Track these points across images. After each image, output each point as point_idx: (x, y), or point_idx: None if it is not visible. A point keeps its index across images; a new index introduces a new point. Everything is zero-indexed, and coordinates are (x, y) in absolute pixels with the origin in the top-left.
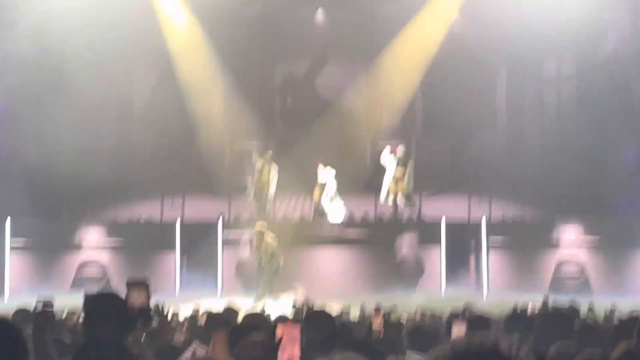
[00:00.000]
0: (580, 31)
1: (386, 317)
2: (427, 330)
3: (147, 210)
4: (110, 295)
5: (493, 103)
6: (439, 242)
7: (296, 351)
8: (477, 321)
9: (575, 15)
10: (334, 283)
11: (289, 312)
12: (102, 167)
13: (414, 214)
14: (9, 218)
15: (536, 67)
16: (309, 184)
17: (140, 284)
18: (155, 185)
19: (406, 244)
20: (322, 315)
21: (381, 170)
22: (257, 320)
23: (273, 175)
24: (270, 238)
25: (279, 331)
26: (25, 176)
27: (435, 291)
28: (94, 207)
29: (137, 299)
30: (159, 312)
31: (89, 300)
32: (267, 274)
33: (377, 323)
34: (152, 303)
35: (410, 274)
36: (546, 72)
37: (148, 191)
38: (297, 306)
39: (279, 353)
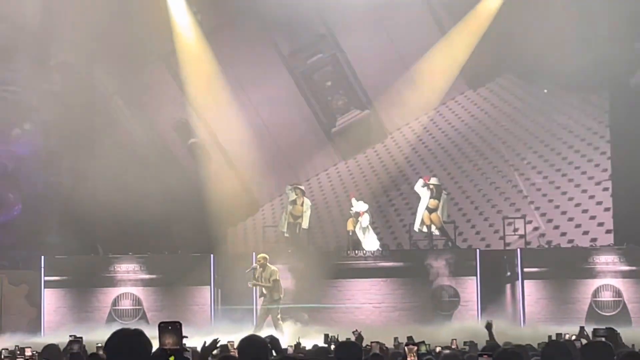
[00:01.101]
0: None
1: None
2: None
3: (182, 244)
4: (135, 332)
5: None
6: (475, 272)
7: None
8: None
9: None
10: (369, 314)
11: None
12: (138, 202)
13: (448, 244)
14: (43, 256)
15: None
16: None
17: (172, 326)
18: (191, 220)
19: (441, 274)
20: (352, 346)
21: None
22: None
23: (307, 206)
24: (272, 271)
25: None
26: (60, 212)
27: (471, 322)
28: (128, 241)
29: (169, 340)
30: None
31: (113, 337)
32: (266, 304)
33: (411, 357)
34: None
35: (445, 304)
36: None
37: (183, 225)
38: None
39: None
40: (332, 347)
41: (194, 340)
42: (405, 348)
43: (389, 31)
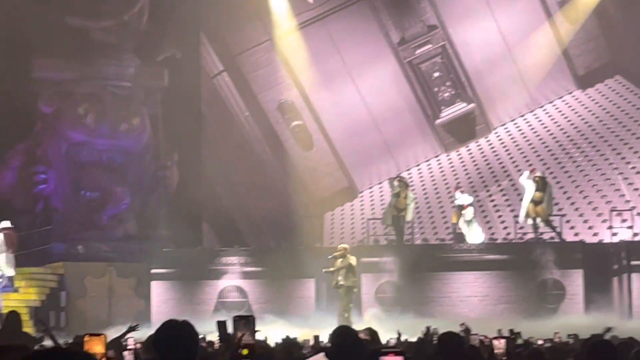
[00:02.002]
0: None
1: (512, 340)
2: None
3: (284, 235)
4: (183, 323)
5: None
6: (580, 264)
7: None
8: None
9: None
10: (473, 307)
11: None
12: (244, 194)
13: (554, 237)
14: (151, 248)
15: None
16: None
17: (246, 320)
18: (291, 208)
19: (546, 267)
20: (453, 337)
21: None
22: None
23: (410, 199)
24: (349, 261)
25: None
26: (167, 205)
27: (576, 315)
28: (234, 233)
29: (243, 334)
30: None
31: (162, 328)
32: (343, 295)
33: (500, 346)
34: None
35: (550, 297)
36: None
37: (284, 215)
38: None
39: None
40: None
41: (297, 332)
42: (494, 341)
43: (499, 25)
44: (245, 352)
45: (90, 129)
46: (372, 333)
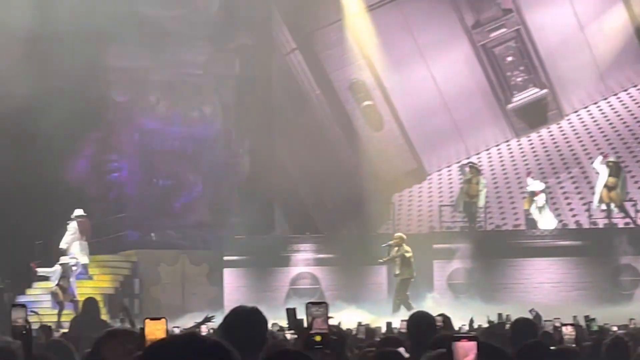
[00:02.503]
0: None
1: (587, 327)
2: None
3: (356, 220)
4: (252, 310)
5: None
6: None
7: None
8: None
9: None
10: (547, 293)
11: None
12: (315, 180)
13: (628, 223)
14: (223, 235)
15: None
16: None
17: (319, 306)
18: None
19: (621, 253)
20: (527, 323)
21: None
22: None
23: (482, 185)
24: (405, 250)
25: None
26: (239, 192)
27: None
28: (306, 220)
29: (318, 322)
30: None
31: (231, 314)
32: (398, 286)
33: (569, 333)
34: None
35: (625, 283)
36: None
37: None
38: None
39: None
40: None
41: (369, 318)
42: (563, 328)
43: (575, 10)
44: (318, 338)
45: (162, 117)
46: (445, 319)
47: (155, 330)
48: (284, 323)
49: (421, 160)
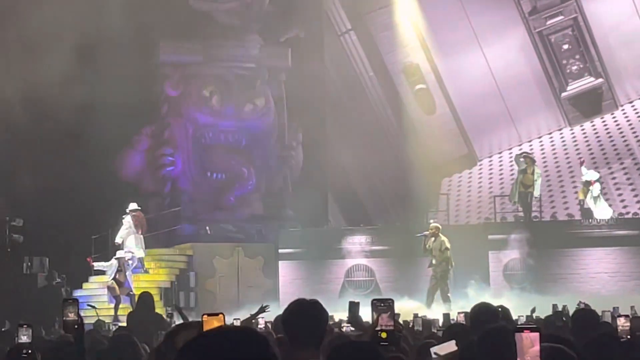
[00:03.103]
0: None
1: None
2: None
3: (410, 217)
4: (311, 302)
5: None
6: None
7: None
8: None
9: None
10: (604, 283)
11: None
12: (369, 172)
13: None
14: (277, 228)
15: None
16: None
17: (385, 303)
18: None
19: None
20: (588, 313)
21: None
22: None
23: (537, 175)
24: (442, 241)
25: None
26: (293, 185)
27: None
28: (360, 212)
29: (384, 318)
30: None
31: (291, 306)
32: (438, 278)
33: (623, 324)
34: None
35: None
36: None
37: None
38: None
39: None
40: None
41: (425, 310)
42: (618, 319)
43: (633, 0)
44: (384, 335)
45: (215, 111)
46: (504, 310)
47: (213, 326)
48: (339, 316)
49: (472, 146)
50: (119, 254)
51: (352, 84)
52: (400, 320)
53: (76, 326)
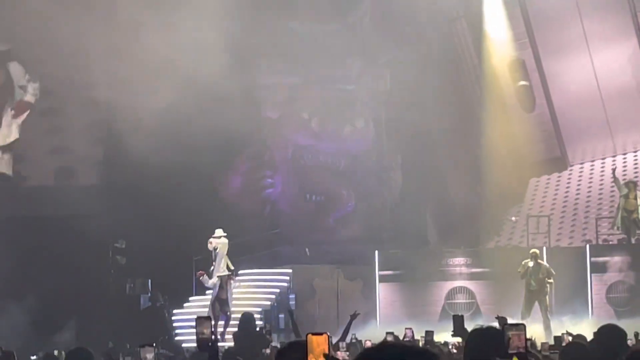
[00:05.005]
0: None
1: None
2: None
3: (509, 238)
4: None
5: None
6: None
7: None
8: None
9: None
10: None
11: None
12: (467, 193)
13: None
14: (377, 250)
15: None
16: None
17: (516, 327)
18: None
19: None
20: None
21: None
22: None
23: None
24: (546, 268)
25: None
26: (391, 206)
27: None
28: (459, 233)
29: (516, 338)
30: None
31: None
32: (534, 297)
33: None
34: None
35: None
36: None
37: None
38: None
39: None
40: None
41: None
42: None
43: None
44: (515, 359)
45: (314, 133)
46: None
47: (317, 346)
48: (439, 337)
49: (565, 150)
50: (222, 272)
51: (454, 74)
52: None
53: (210, 343)
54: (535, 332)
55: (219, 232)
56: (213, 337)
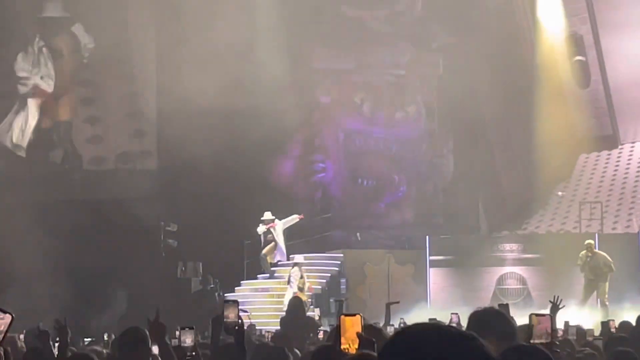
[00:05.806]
0: None
1: None
2: None
3: (563, 223)
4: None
5: None
6: None
7: None
8: None
9: None
10: None
11: None
12: (522, 177)
13: None
14: (428, 235)
15: None
16: None
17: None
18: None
19: None
20: None
21: None
22: None
23: None
24: (603, 257)
25: None
26: (443, 191)
27: None
28: (511, 219)
29: (540, 328)
30: None
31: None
32: (592, 286)
33: None
34: None
35: None
36: None
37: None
38: None
39: None
40: None
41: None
42: None
43: None
44: None
45: (366, 118)
46: None
47: (351, 327)
48: None
49: (617, 128)
50: (298, 259)
51: (511, 45)
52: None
53: (236, 327)
54: (594, 320)
55: (267, 215)
56: (240, 320)
